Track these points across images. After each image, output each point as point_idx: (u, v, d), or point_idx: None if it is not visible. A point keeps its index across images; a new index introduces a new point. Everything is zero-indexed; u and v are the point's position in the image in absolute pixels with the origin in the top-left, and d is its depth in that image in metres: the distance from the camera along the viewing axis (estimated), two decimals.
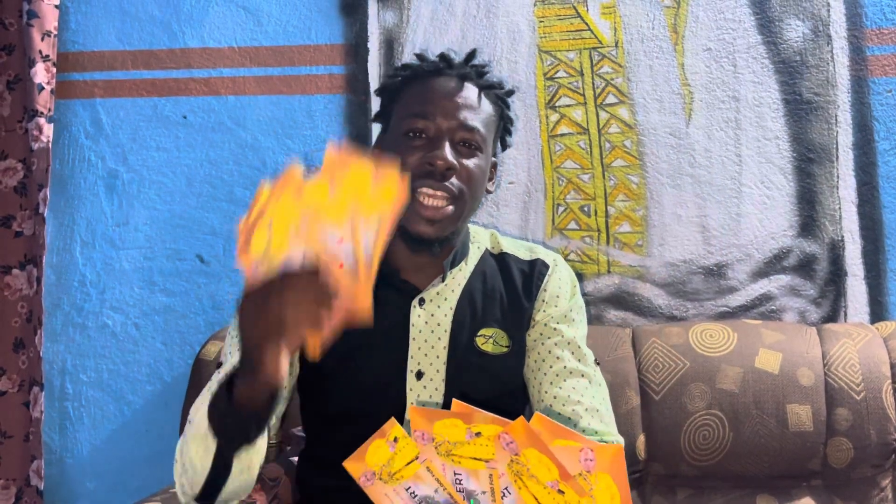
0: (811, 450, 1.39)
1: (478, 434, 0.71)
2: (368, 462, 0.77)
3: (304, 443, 1.24)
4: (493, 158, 1.18)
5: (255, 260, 0.79)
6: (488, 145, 1.12)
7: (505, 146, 1.22)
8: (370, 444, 0.77)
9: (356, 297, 0.75)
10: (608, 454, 0.67)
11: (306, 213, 0.77)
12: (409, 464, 0.75)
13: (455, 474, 0.72)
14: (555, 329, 1.15)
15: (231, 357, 1.07)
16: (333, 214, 0.77)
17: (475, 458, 0.72)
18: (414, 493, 0.74)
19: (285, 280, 0.77)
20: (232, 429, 0.88)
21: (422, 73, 1.12)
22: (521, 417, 0.67)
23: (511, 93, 1.19)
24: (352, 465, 0.79)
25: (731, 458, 1.40)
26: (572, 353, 1.13)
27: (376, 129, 1.32)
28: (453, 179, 1.06)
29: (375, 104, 1.38)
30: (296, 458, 1.25)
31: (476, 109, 1.10)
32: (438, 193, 1.05)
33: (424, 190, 1.05)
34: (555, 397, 1.10)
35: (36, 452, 1.72)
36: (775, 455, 1.40)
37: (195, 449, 0.93)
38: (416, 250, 1.11)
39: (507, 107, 1.18)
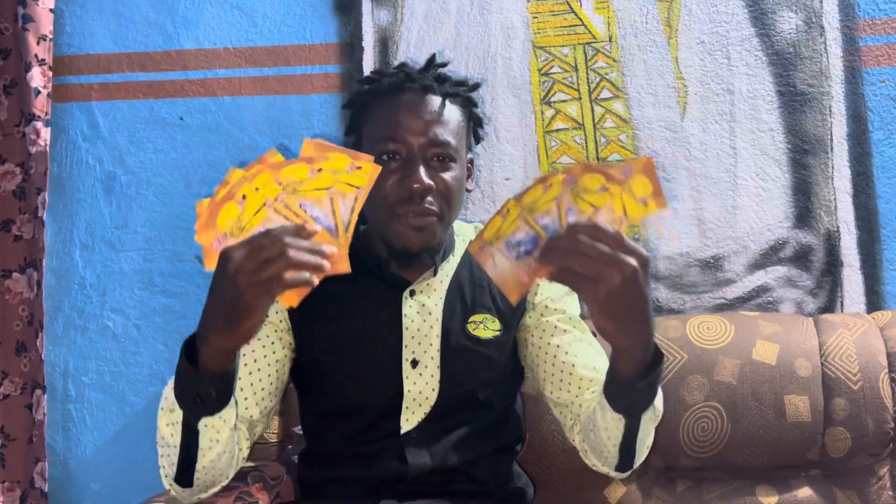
0: (809, 440, 1.40)
1: (550, 185, 0.83)
2: (486, 235, 0.86)
3: (304, 441, 1.25)
4: (469, 155, 1.20)
5: (221, 233, 0.83)
6: (461, 151, 1.14)
7: (478, 140, 1.24)
8: (488, 224, 0.86)
9: (336, 253, 0.83)
10: (641, 162, 0.82)
11: (284, 190, 0.83)
12: (512, 223, 0.85)
13: (536, 220, 0.85)
14: (555, 309, 1.19)
15: None
16: (312, 192, 0.84)
17: (548, 201, 0.84)
18: (511, 242, 0.85)
19: (270, 234, 0.80)
20: (194, 392, 0.91)
21: (384, 88, 1.13)
22: (578, 163, 0.85)
23: (476, 87, 1.20)
24: (473, 245, 0.87)
25: (730, 449, 1.41)
26: (574, 326, 1.19)
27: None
28: (432, 198, 1.09)
29: None
30: (296, 458, 1.26)
31: (443, 122, 1.11)
32: (420, 214, 1.08)
33: (406, 214, 1.08)
34: (564, 361, 1.15)
35: (40, 455, 1.73)
36: (774, 446, 1.40)
37: (164, 423, 0.97)
38: (406, 264, 1.14)
39: (475, 104, 1.19)
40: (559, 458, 1.42)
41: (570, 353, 1.15)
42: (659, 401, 1.01)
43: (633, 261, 0.80)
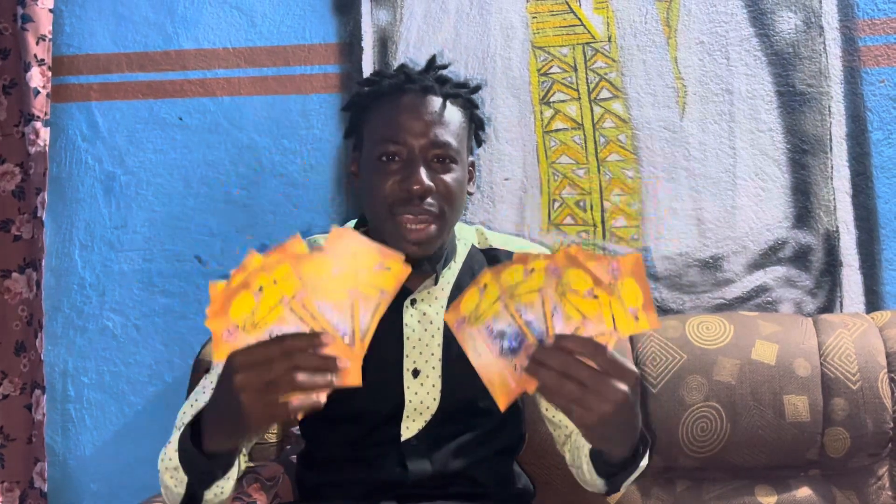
0: (808, 440, 1.40)
1: (531, 270, 0.81)
2: (463, 309, 0.84)
3: (303, 442, 1.25)
4: (471, 157, 1.19)
5: (233, 324, 0.78)
6: (463, 152, 1.13)
7: (480, 142, 1.23)
8: (466, 295, 0.84)
9: (348, 367, 0.79)
10: (630, 261, 0.79)
11: (304, 287, 0.78)
12: (491, 305, 0.83)
13: (517, 309, 0.83)
14: None
15: (203, 394, 1.09)
16: (333, 293, 0.79)
17: (530, 291, 0.82)
18: (492, 329, 0.83)
19: (283, 343, 0.76)
20: (200, 470, 0.90)
21: (384, 90, 1.13)
22: (563, 248, 0.81)
23: (477, 89, 1.19)
24: (450, 316, 0.85)
25: (729, 449, 1.41)
26: None
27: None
28: (432, 199, 1.08)
29: None
30: (295, 458, 1.26)
31: (444, 123, 1.10)
32: (420, 217, 1.07)
33: (406, 217, 1.07)
34: None
35: (39, 455, 1.73)
36: (773, 446, 1.41)
37: (168, 478, 0.97)
38: None
39: (476, 106, 1.18)
40: (559, 457, 1.41)
41: None
42: (644, 460, 1.03)
43: (624, 386, 0.78)
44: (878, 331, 1.46)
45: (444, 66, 1.17)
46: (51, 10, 1.77)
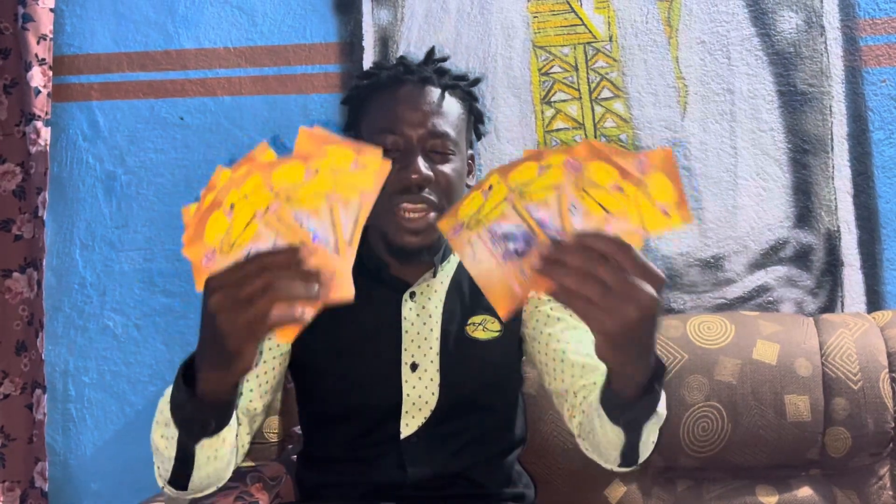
0: (809, 440, 1.40)
1: (548, 167, 0.72)
2: (461, 214, 0.76)
3: (303, 441, 1.24)
4: (470, 151, 1.19)
5: (210, 249, 0.72)
6: (461, 144, 1.12)
7: (480, 136, 1.23)
8: (464, 199, 0.75)
9: (337, 277, 0.71)
10: (659, 155, 0.69)
11: (277, 198, 0.71)
12: (496, 206, 0.74)
13: (526, 208, 0.73)
14: (548, 298, 1.11)
15: None
16: (309, 200, 0.72)
17: (545, 188, 0.72)
18: (495, 232, 0.74)
19: (260, 260, 0.70)
20: (192, 420, 0.85)
21: (383, 82, 1.12)
22: (586, 140, 0.69)
23: (477, 82, 1.18)
24: (445, 224, 0.77)
25: (730, 449, 1.41)
26: (571, 314, 1.10)
27: None
28: (430, 189, 1.07)
29: None
30: (295, 457, 1.26)
31: (442, 113, 1.10)
32: (418, 206, 1.06)
33: (404, 206, 1.06)
34: (555, 349, 1.11)
35: (40, 454, 1.73)
36: (774, 445, 1.40)
37: (159, 435, 0.92)
38: (404, 261, 1.12)
39: (475, 99, 1.18)
40: (559, 457, 1.42)
41: (562, 340, 1.11)
42: (662, 405, 0.94)
43: (652, 290, 0.70)
44: (879, 330, 1.46)
45: (444, 59, 1.17)
46: (51, 10, 1.77)
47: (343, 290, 0.71)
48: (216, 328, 0.72)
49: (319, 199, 0.72)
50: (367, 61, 1.75)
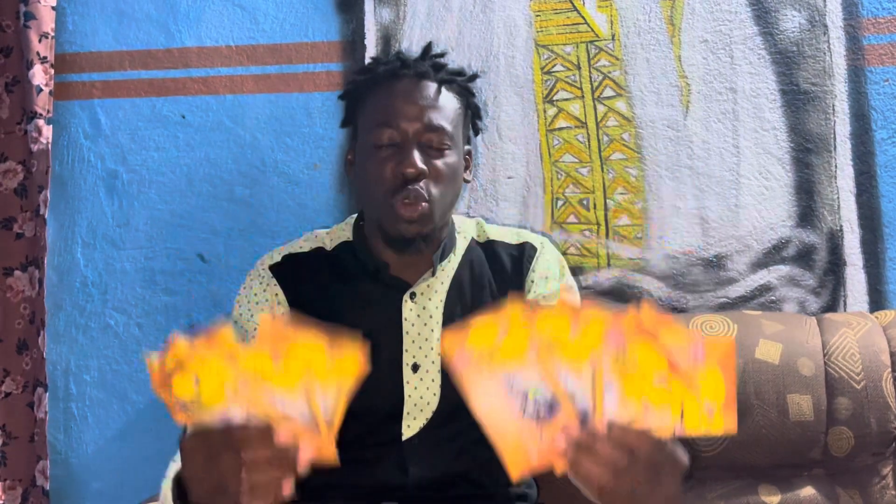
0: (812, 439, 1.40)
1: (584, 331, 0.67)
2: (472, 342, 0.72)
3: None
4: (467, 146, 1.19)
5: (182, 401, 0.71)
6: (458, 139, 1.13)
7: (477, 131, 1.23)
8: (477, 325, 0.72)
9: (320, 449, 0.70)
10: (721, 348, 0.64)
11: (245, 378, 0.70)
12: (517, 348, 0.70)
13: (557, 372, 0.68)
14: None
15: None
16: (282, 383, 0.71)
17: (580, 353, 0.67)
18: (513, 381, 0.69)
19: (236, 435, 0.69)
20: None
21: (380, 77, 1.12)
22: (632, 309, 0.63)
23: (474, 77, 1.19)
24: (449, 345, 0.73)
25: (733, 448, 1.41)
26: None
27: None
28: (426, 183, 1.08)
29: None
30: None
31: (438, 107, 1.10)
32: (413, 196, 1.07)
33: (400, 199, 1.07)
34: None
35: (41, 453, 1.73)
36: (776, 445, 1.40)
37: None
38: (401, 251, 1.13)
39: (472, 94, 1.18)
40: None
41: None
42: None
43: (677, 483, 0.68)
44: (881, 330, 1.46)
45: (441, 54, 1.17)
46: (53, 8, 1.76)
47: (326, 454, 0.71)
48: (194, 494, 0.73)
49: (293, 382, 0.71)
50: (369, 60, 1.75)
